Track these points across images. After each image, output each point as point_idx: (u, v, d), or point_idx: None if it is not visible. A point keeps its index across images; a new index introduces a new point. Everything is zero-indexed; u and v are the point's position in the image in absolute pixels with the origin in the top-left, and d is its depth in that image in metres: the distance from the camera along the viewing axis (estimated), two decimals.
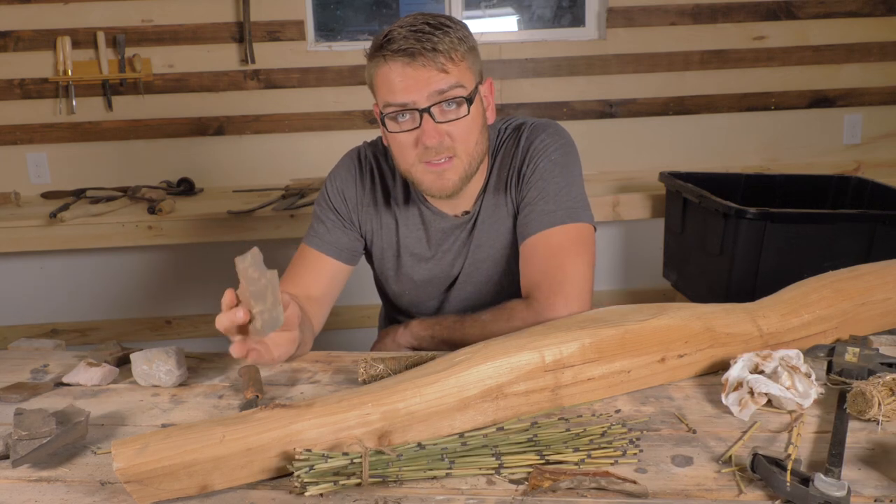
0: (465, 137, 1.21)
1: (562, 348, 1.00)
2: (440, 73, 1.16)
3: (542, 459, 0.86)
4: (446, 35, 1.17)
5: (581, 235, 1.26)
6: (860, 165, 3.04)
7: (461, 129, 1.20)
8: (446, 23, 1.19)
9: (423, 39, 1.15)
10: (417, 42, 1.15)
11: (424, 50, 1.15)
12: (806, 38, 3.13)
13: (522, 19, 3.27)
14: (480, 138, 1.25)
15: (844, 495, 0.75)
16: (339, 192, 1.37)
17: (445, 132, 1.19)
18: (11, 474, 0.90)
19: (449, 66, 1.17)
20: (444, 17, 1.20)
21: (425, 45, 1.15)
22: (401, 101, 1.17)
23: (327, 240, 1.35)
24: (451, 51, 1.17)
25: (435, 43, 1.15)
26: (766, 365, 1.01)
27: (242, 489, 0.85)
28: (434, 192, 1.26)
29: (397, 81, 1.17)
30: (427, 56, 1.15)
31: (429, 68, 1.16)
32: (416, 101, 1.17)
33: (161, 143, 3.06)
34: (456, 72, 1.18)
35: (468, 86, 1.20)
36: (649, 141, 3.18)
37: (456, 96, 1.18)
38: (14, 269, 3.10)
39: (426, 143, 1.18)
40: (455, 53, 1.18)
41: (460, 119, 1.19)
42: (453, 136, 1.20)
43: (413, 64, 1.15)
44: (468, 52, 1.21)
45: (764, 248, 2.10)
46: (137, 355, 1.14)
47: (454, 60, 1.17)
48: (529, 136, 1.32)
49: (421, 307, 1.44)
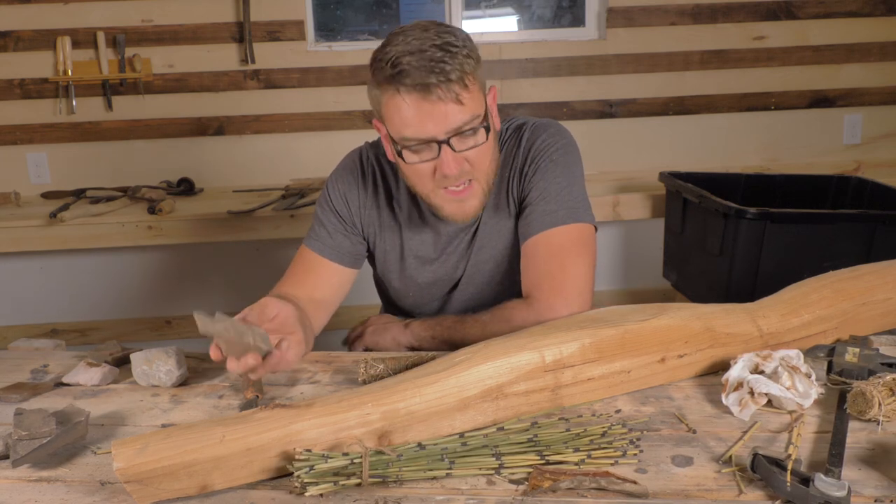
0: (482, 160, 1.19)
1: (562, 348, 1.00)
2: (457, 106, 1.12)
3: (542, 459, 0.86)
4: (455, 57, 1.11)
5: (582, 235, 1.26)
6: (860, 165, 3.04)
7: (479, 154, 1.18)
8: (451, 41, 1.13)
9: (435, 70, 1.09)
10: (431, 73, 1.09)
11: (439, 82, 1.09)
12: (806, 38, 3.13)
13: (522, 19, 3.27)
14: (495, 154, 1.24)
15: (844, 495, 0.75)
16: (342, 195, 1.36)
17: (464, 159, 1.17)
18: (11, 474, 0.90)
19: (464, 95, 1.12)
20: (447, 33, 1.14)
21: (439, 76, 1.09)
22: (419, 137, 1.14)
23: (330, 244, 1.35)
24: (463, 76, 1.11)
25: (448, 72, 1.09)
26: (766, 365, 1.01)
27: (242, 489, 0.85)
28: (457, 219, 1.25)
29: (412, 116, 1.12)
30: (442, 88, 1.10)
31: (445, 101, 1.11)
32: (433, 136, 1.13)
33: (161, 143, 3.06)
34: (470, 100, 1.13)
35: (481, 109, 1.16)
36: (649, 141, 3.18)
37: (474, 127, 1.15)
38: (14, 269, 3.10)
39: (446, 172, 1.15)
40: (467, 78, 1.12)
41: (479, 146, 1.17)
42: (472, 162, 1.18)
43: (429, 98, 1.10)
44: (476, 68, 1.15)
45: (764, 248, 2.10)
46: (137, 355, 1.14)
47: (467, 87, 1.12)
48: (531, 137, 1.31)
49: (423, 308, 1.44)
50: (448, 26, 1.17)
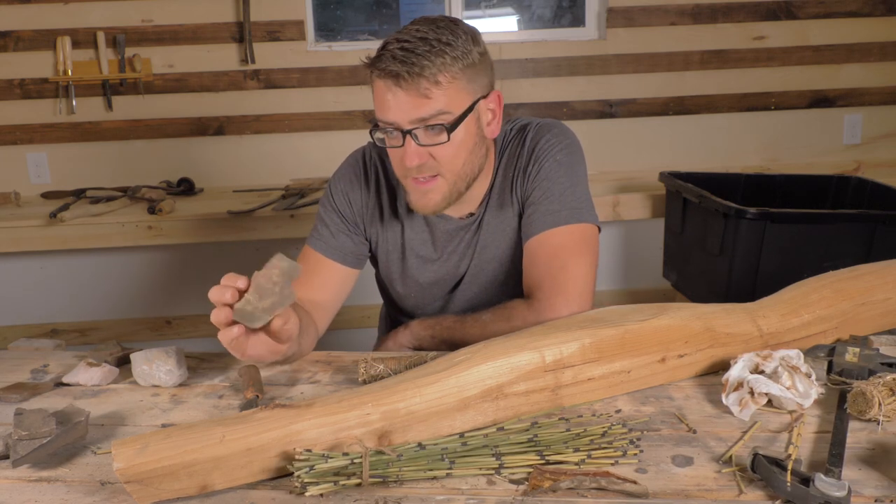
0: (449, 160, 1.20)
1: (562, 348, 1.00)
2: (422, 99, 1.13)
3: (542, 459, 0.86)
4: (439, 55, 1.13)
5: (584, 236, 1.26)
6: (860, 165, 3.04)
7: (445, 153, 1.19)
8: (445, 38, 1.14)
9: (408, 60, 1.11)
10: (402, 64, 1.11)
11: (408, 74, 1.11)
12: (806, 38, 3.13)
13: (522, 19, 3.27)
14: (470, 158, 1.23)
15: (845, 495, 0.75)
16: (344, 195, 1.36)
17: (429, 153, 1.18)
18: (11, 474, 0.90)
19: (433, 90, 1.13)
20: (448, 30, 1.16)
21: (411, 68, 1.11)
22: (387, 120, 1.17)
23: (333, 244, 1.35)
24: (437, 74, 1.13)
25: (422, 67, 1.12)
26: (766, 365, 1.01)
27: (242, 489, 0.85)
28: (417, 209, 1.26)
29: (385, 100, 1.15)
30: (410, 81, 1.12)
31: (410, 93, 1.13)
32: (399, 123, 1.16)
33: (161, 143, 3.07)
34: (441, 96, 1.14)
35: (455, 109, 1.16)
36: (649, 141, 3.18)
37: (437, 123, 1.16)
38: (14, 269, 3.10)
39: (406, 163, 1.18)
40: (443, 76, 1.13)
41: (443, 144, 1.18)
42: (437, 158, 1.19)
43: (397, 85, 1.13)
44: (464, 70, 1.16)
45: (764, 248, 2.10)
46: (137, 355, 1.14)
47: (440, 84, 1.13)
48: (535, 137, 1.32)
49: (425, 309, 1.44)
50: (457, 27, 1.18)
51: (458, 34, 1.17)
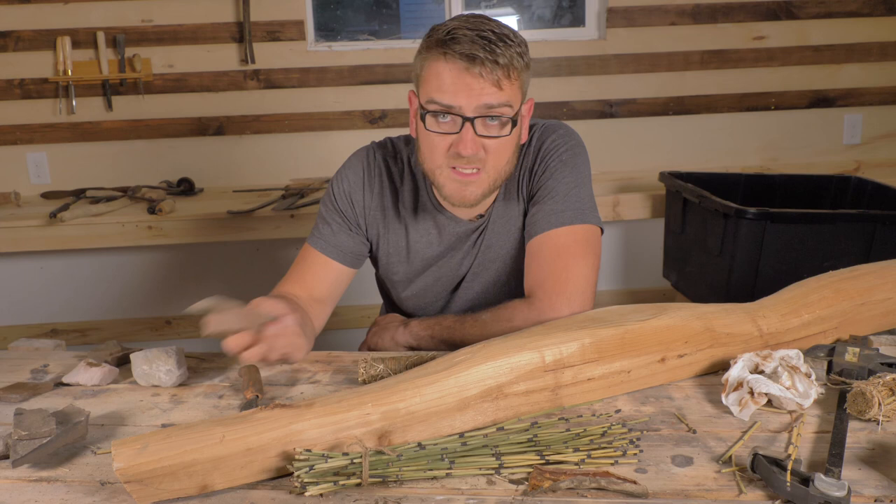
0: (498, 154, 1.20)
1: (562, 348, 1.00)
2: (494, 88, 1.14)
3: (542, 459, 0.87)
4: (508, 48, 1.14)
5: (587, 237, 1.26)
6: (860, 165, 3.03)
7: (497, 146, 1.19)
8: (510, 35, 1.17)
9: (487, 48, 1.12)
10: (482, 49, 1.12)
11: (486, 59, 1.12)
12: (806, 38, 3.13)
13: (522, 19, 3.27)
14: (512, 158, 1.24)
15: (844, 495, 0.75)
16: (346, 194, 1.36)
17: (482, 145, 1.18)
18: (11, 474, 0.90)
19: (504, 82, 1.15)
20: (508, 29, 1.18)
21: (489, 54, 1.12)
22: (448, 103, 1.15)
23: (332, 242, 1.35)
24: (509, 66, 1.15)
25: (497, 55, 1.13)
26: (766, 365, 1.01)
27: (242, 489, 0.85)
28: (455, 200, 1.24)
29: (450, 82, 1.14)
30: (487, 66, 1.13)
31: (485, 79, 1.13)
32: (462, 108, 1.15)
33: (161, 143, 3.06)
34: (509, 89, 1.16)
35: (515, 106, 1.19)
36: (649, 141, 3.18)
37: (502, 115, 1.17)
38: (14, 269, 3.10)
39: (462, 151, 1.16)
40: (513, 70, 1.16)
41: (501, 137, 1.18)
42: (488, 150, 1.19)
43: (471, 70, 1.13)
44: (524, 70, 1.19)
45: (764, 248, 2.10)
46: (137, 355, 1.14)
47: (510, 78, 1.15)
48: (541, 137, 1.32)
49: (426, 308, 1.44)
50: (511, 29, 1.20)
51: (516, 35, 1.19)
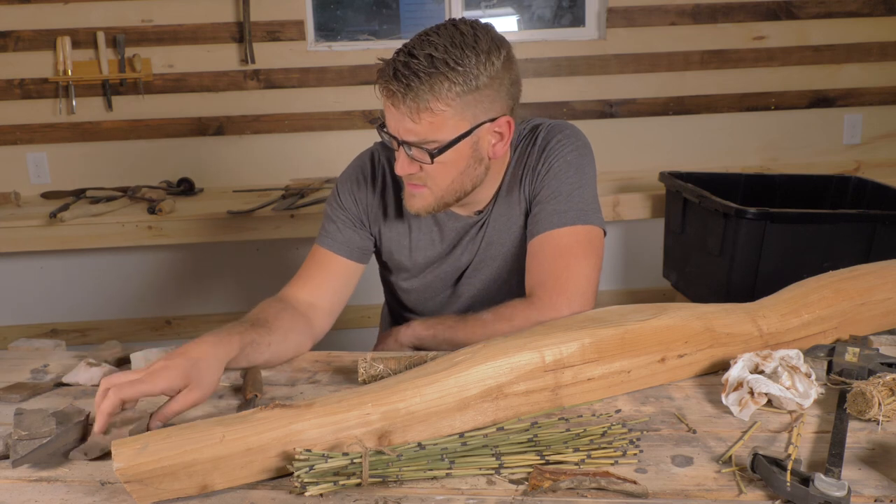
0: (437, 177, 1.21)
1: (562, 348, 1.00)
2: (412, 123, 1.14)
3: (542, 459, 0.87)
4: (438, 80, 1.11)
5: (590, 237, 1.26)
6: (860, 165, 3.03)
7: (434, 170, 1.20)
8: (455, 58, 1.11)
9: (405, 81, 1.11)
10: (398, 84, 1.11)
11: (402, 96, 1.12)
12: (806, 38, 3.13)
13: (522, 19, 3.27)
14: (460, 178, 1.23)
15: (844, 495, 0.75)
16: (350, 192, 1.38)
17: (419, 165, 1.20)
18: (11, 474, 0.90)
19: (422, 117, 1.13)
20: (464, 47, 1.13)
21: (406, 90, 1.11)
22: (386, 129, 1.20)
23: (339, 239, 1.35)
24: (431, 100, 1.12)
25: (416, 91, 1.11)
26: (766, 365, 1.01)
27: (242, 489, 0.85)
28: (406, 207, 1.28)
29: (386, 108, 1.18)
30: (404, 102, 1.13)
31: (403, 112, 1.14)
32: (395, 133, 1.18)
33: (161, 143, 3.06)
34: (429, 124, 1.14)
35: (444, 136, 1.15)
36: (649, 141, 3.18)
37: (423, 147, 1.17)
38: (14, 269, 3.10)
39: (396, 170, 1.22)
40: (437, 103, 1.12)
41: (427, 164, 1.19)
42: (426, 172, 1.21)
43: (391, 100, 1.15)
44: (462, 97, 1.13)
45: (764, 248, 2.10)
46: (137, 355, 1.14)
47: (431, 110, 1.13)
48: (546, 136, 1.32)
49: (428, 304, 1.45)
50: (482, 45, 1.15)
51: (472, 54, 1.13)
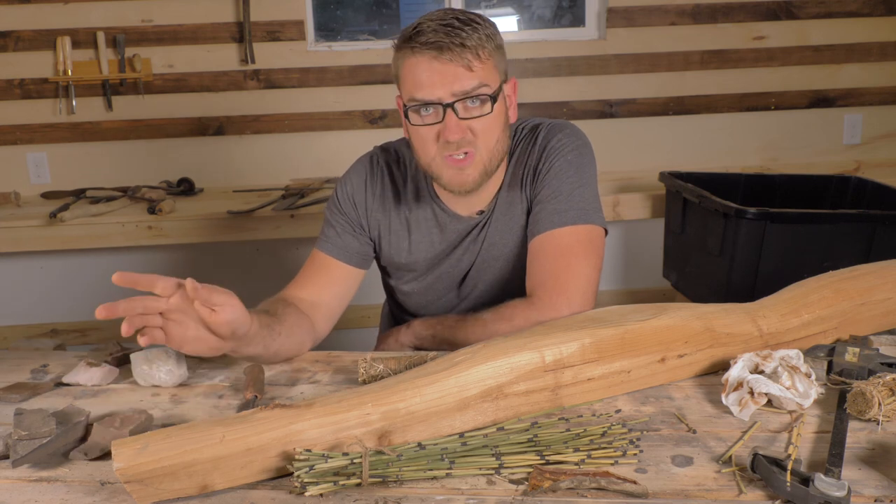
0: (486, 134, 1.22)
1: (562, 348, 1.00)
2: (466, 71, 1.17)
3: (542, 459, 0.86)
4: (475, 31, 1.17)
5: (590, 237, 1.26)
6: (860, 165, 3.03)
7: (483, 126, 1.21)
8: (475, 19, 1.20)
9: (451, 34, 1.16)
10: (446, 36, 1.15)
11: (453, 45, 1.15)
12: (806, 38, 3.13)
13: (522, 19, 3.27)
14: (502, 136, 1.25)
15: (844, 495, 0.75)
16: (349, 197, 1.37)
17: (467, 127, 1.20)
18: (11, 474, 0.90)
19: (475, 63, 1.17)
20: (474, 14, 1.22)
21: (454, 39, 1.15)
22: (425, 98, 1.18)
23: (338, 244, 1.35)
24: (478, 48, 1.17)
25: (463, 38, 1.16)
26: (766, 365, 1.01)
27: (242, 489, 0.85)
28: (453, 187, 1.25)
29: (423, 76, 1.17)
30: (455, 51, 1.16)
31: (455, 63, 1.16)
32: (440, 98, 1.18)
33: (161, 143, 3.06)
34: (481, 70, 1.18)
35: (493, 84, 1.21)
36: (649, 141, 3.18)
37: (480, 94, 1.19)
38: (14, 269, 3.10)
39: (448, 137, 1.19)
40: (482, 51, 1.18)
41: (483, 116, 1.20)
42: (475, 132, 1.21)
43: (440, 58, 1.16)
44: (495, 51, 1.21)
45: (764, 248, 2.10)
46: (137, 355, 1.14)
47: (481, 58, 1.18)
48: (546, 136, 1.32)
49: (430, 307, 1.44)
50: (479, 14, 1.23)
51: (483, 18, 1.22)
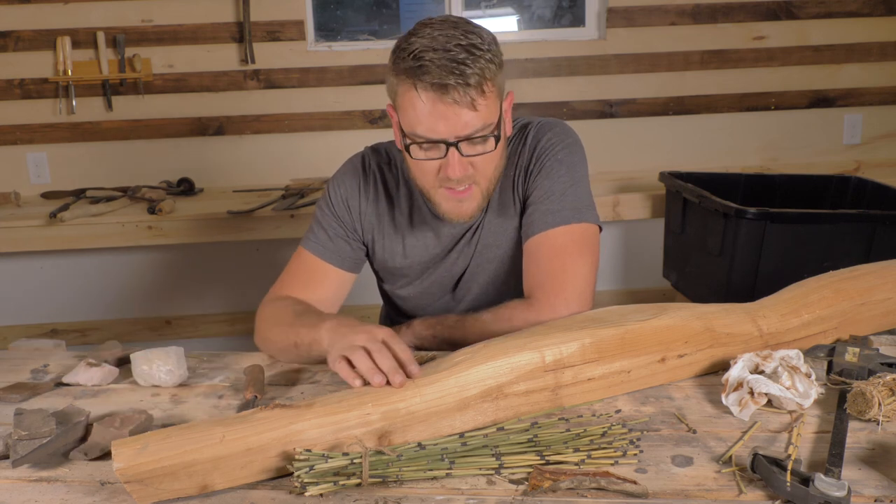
0: (487, 167, 1.20)
1: (562, 348, 1.00)
2: (470, 111, 1.11)
3: (542, 459, 0.87)
4: (477, 61, 1.10)
5: (585, 236, 1.26)
6: (860, 165, 3.03)
7: (485, 160, 1.18)
8: (476, 42, 1.12)
9: (455, 71, 1.09)
10: (451, 74, 1.08)
11: (458, 84, 1.09)
12: (806, 38, 3.13)
13: (522, 19, 3.27)
14: (500, 162, 1.24)
15: (844, 495, 0.75)
16: (343, 200, 1.35)
17: (469, 163, 1.17)
18: (11, 474, 0.90)
19: (479, 101, 1.12)
20: (474, 34, 1.13)
21: (458, 78, 1.09)
22: (428, 136, 1.14)
23: (330, 248, 1.34)
24: (482, 82, 1.11)
25: (467, 76, 1.09)
26: (766, 365, 1.01)
27: (242, 489, 0.85)
28: (452, 217, 1.25)
29: (426, 114, 1.12)
30: (459, 91, 1.09)
31: (460, 105, 1.10)
32: (444, 138, 1.14)
33: (161, 143, 3.06)
34: (485, 107, 1.13)
35: (495, 117, 1.16)
36: (649, 141, 3.18)
37: (484, 134, 1.15)
38: (14, 269, 3.10)
39: (450, 175, 1.16)
40: (486, 84, 1.12)
41: (487, 154, 1.18)
42: (476, 167, 1.18)
43: (444, 100, 1.10)
44: (497, 73, 1.15)
45: (764, 248, 2.10)
46: (137, 355, 1.14)
47: (484, 93, 1.12)
48: (536, 135, 1.31)
49: (426, 310, 1.43)
50: (476, 26, 1.16)
51: (482, 36, 1.14)
